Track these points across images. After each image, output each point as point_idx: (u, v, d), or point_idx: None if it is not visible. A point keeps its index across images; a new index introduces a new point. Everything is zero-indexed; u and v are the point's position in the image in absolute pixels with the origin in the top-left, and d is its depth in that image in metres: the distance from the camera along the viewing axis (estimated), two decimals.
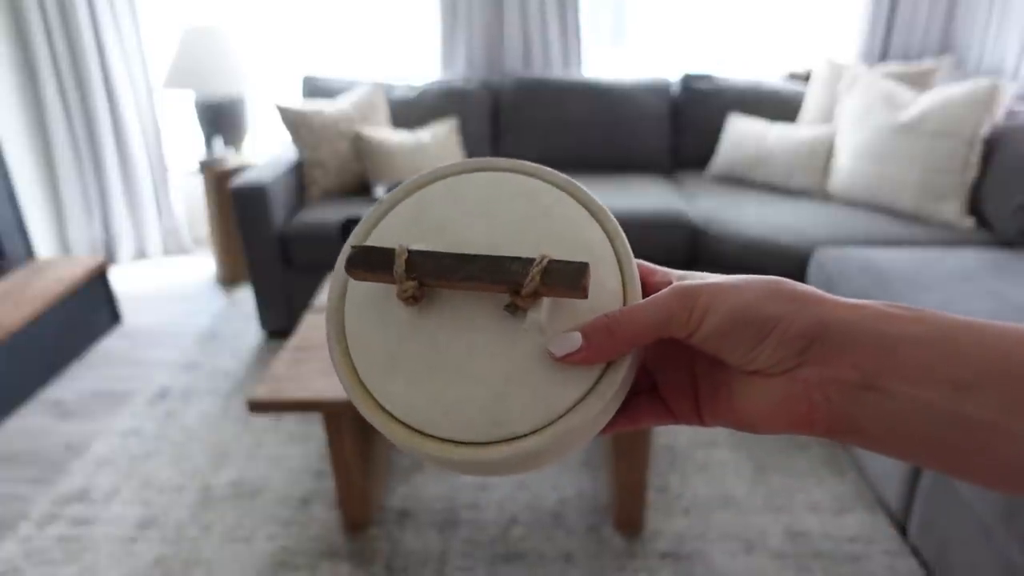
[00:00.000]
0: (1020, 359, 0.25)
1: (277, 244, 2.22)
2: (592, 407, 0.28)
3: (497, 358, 0.29)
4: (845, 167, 2.24)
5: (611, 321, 0.28)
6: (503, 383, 0.29)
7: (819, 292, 0.28)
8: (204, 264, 3.03)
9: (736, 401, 0.29)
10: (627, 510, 1.47)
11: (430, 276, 0.29)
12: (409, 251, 0.30)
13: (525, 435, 0.28)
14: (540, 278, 0.28)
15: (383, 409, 0.30)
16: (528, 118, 2.66)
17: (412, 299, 0.30)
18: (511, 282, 0.29)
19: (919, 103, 2.10)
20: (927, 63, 2.43)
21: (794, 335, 0.27)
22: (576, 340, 0.28)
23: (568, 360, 0.28)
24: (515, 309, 0.29)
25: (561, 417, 0.28)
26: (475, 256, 0.29)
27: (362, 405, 0.30)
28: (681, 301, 0.28)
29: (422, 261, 0.30)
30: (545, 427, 0.28)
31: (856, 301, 0.27)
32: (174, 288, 2.81)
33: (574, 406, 0.28)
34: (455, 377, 0.29)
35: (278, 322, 2.32)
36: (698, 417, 0.31)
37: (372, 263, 0.30)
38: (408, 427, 0.29)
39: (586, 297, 0.28)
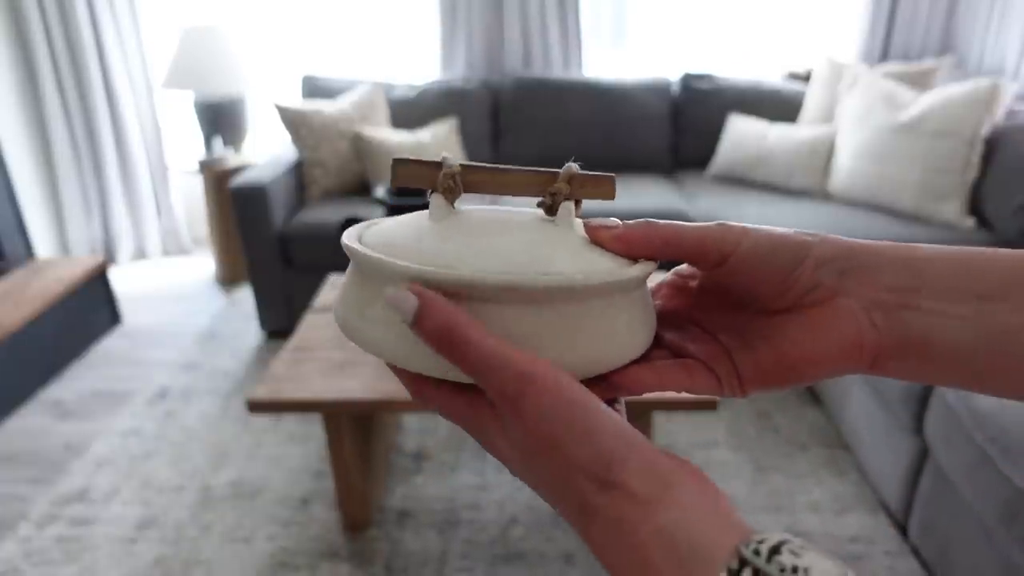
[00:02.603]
0: None
1: (277, 244, 2.22)
2: (629, 275, 0.28)
3: (533, 233, 0.29)
4: (845, 167, 2.24)
5: (651, 221, 0.30)
6: (540, 243, 0.28)
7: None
8: (204, 264, 3.02)
9: (780, 348, 0.29)
10: None
11: (472, 171, 0.30)
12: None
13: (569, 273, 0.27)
14: (577, 173, 0.30)
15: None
16: (528, 118, 2.66)
17: (452, 184, 0.30)
18: (550, 179, 0.30)
19: (919, 103, 2.10)
20: (927, 63, 2.43)
21: (831, 256, 0.28)
22: (615, 221, 0.30)
23: (603, 233, 0.29)
24: (550, 205, 0.30)
25: (600, 274, 0.27)
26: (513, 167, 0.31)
27: (378, 259, 0.27)
28: (721, 227, 0.29)
29: (465, 167, 0.30)
30: (587, 275, 0.27)
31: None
32: (174, 288, 2.81)
33: (610, 272, 0.28)
34: (489, 236, 0.28)
35: (278, 322, 2.32)
36: (739, 385, 0.30)
37: (416, 164, 0.30)
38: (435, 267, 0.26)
39: (614, 197, 0.30)
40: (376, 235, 0.30)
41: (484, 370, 0.24)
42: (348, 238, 0.29)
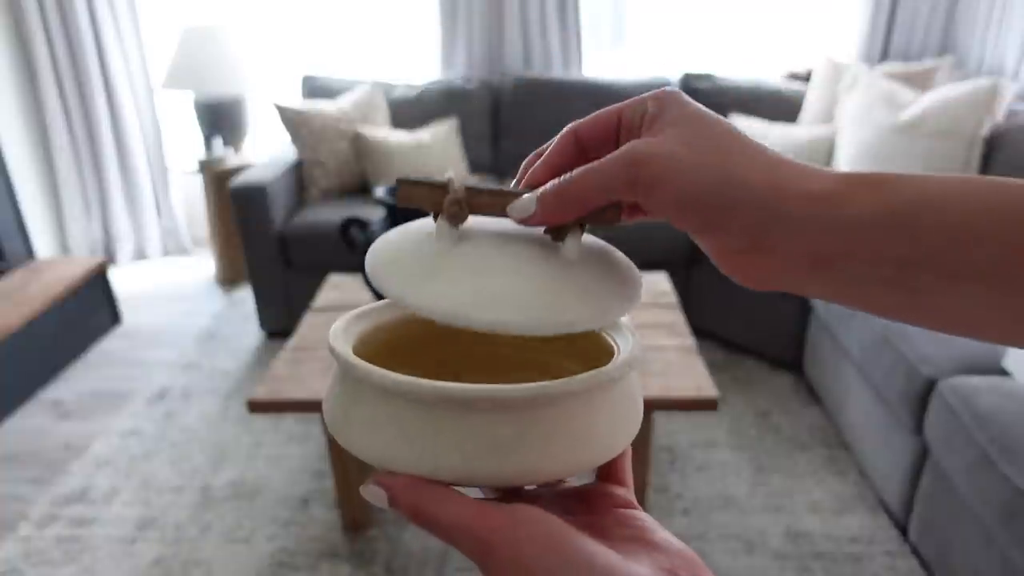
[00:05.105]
0: (971, 227, 0.24)
1: (277, 244, 2.22)
2: (609, 374, 0.28)
3: (542, 265, 0.29)
4: (845, 167, 2.24)
5: (562, 183, 0.29)
6: (551, 287, 0.29)
7: (775, 164, 0.28)
8: (204, 264, 3.02)
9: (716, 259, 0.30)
10: None
11: (478, 195, 0.30)
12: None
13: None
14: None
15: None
16: (528, 118, 2.66)
17: (458, 210, 0.30)
18: None
19: (919, 103, 2.10)
20: (927, 63, 2.43)
21: (742, 228, 0.27)
22: (531, 202, 0.29)
23: (526, 223, 0.30)
24: (556, 234, 0.30)
25: (578, 380, 0.27)
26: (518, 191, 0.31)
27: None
28: (626, 170, 0.28)
29: (471, 191, 0.30)
30: (566, 380, 0.27)
31: (815, 173, 0.27)
32: (174, 288, 2.81)
33: (589, 373, 0.28)
34: (497, 275, 0.29)
35: (278, 322, 2.32)
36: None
37: (421, 186, 0.30)
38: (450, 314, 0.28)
39: (618, 221, 0.30)
40: (381, 257, 0.30)
41: (451, 539, 0.26)
42: (336, 341, 0.29)
